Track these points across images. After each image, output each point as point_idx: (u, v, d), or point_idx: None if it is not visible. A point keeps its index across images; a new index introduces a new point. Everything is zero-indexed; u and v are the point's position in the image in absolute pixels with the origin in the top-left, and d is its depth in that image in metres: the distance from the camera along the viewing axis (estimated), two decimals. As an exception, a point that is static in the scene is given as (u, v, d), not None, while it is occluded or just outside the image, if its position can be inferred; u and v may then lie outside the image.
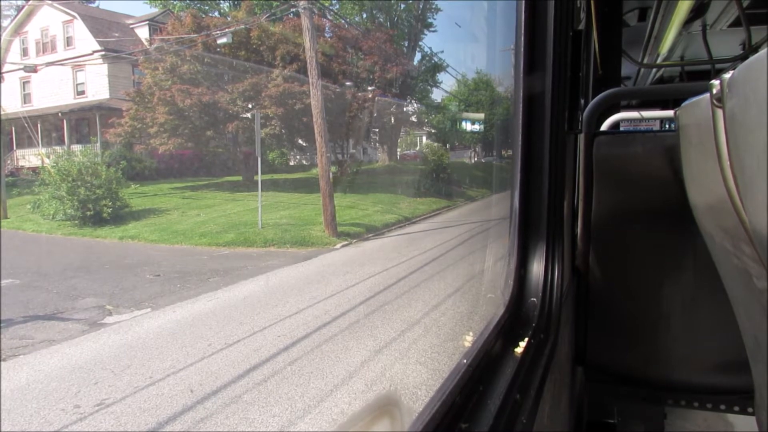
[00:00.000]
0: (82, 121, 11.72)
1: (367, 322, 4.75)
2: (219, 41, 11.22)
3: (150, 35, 11.83)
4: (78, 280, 6.14)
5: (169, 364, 3.89)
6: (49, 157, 9.52)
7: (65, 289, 5.85)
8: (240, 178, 12.23)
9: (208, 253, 7.78)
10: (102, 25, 11.68)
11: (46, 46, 11.68)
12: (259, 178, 9.57)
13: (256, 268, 6.88)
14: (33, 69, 11.54)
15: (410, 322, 4.75)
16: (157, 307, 5.32)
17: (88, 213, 8.49)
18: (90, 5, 12.31)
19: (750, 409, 1.49)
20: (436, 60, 15.59)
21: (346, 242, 8.57)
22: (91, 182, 8.62)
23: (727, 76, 0.66)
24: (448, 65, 15.86)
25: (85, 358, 4.07)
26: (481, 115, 16.30)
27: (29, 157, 11.18)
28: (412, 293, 5.65)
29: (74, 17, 11.39)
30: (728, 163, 0.70)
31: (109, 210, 8.64)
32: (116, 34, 11.66)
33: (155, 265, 7.04)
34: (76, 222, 8.51)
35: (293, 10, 11.05)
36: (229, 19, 11.95)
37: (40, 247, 7.94)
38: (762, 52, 0.56)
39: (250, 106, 11.13)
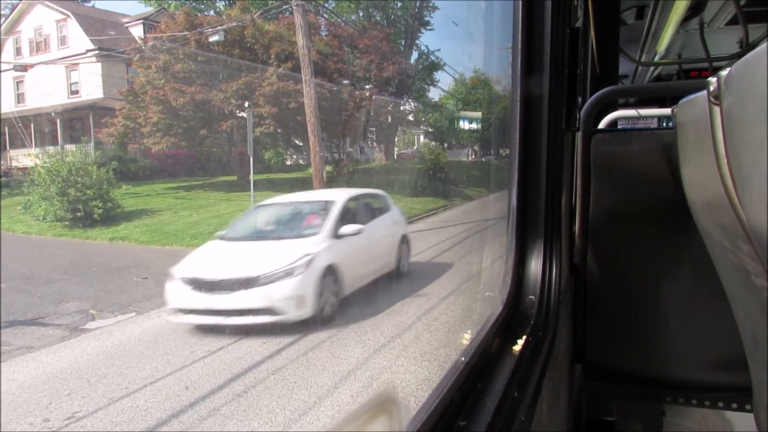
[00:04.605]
0: (75, 121, 11.63)
1: (356, 327, 4.64)
2: (211, 39, 11.15)
3: (144, 34, 11.76)
4: (64, 283, 5.96)
5: (148, 373, 3.75)
6: (39, 157, 9.43)
7: (50, 292, 5.66)
8: (235, 177, 12.18)
9: (200, 254, 7.69)
10: (96, 24, 11.60)
11: (39, 45, 11.57)
12: (251, 177, 9.51)
13: (248, 270, 6.78)
14: (23, 68, 11.43)
15: (401, 327, 4.65)
16: (142, 311, 5.18)
17: (78, 214, 8.32)
18: (85, 4, 12.22)
19: (748, 407, 1.49)
20: (433, 58, 15.60)
21: (340, 242, 8.51)
22: (81, 183, 8.51)
23: (724, 73, 0.66)
24: (445, 64, 15.87)
25: (62, 366, 3.89)
26: (479, 114, 16.32)
27: (20, 158, 11.08)
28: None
29: (68, 16, 11.30)
30: (725, 160, 0.70)
31: (100, 211, 8.48)
32: (111, 33, 11.58)
33: (144, 267, 6.88)
34: (67, 223, 8.35)
35: (286, 7, 11.01)
36: (224, 17, 11.89)
37: (29, 249, 7.77)
38: (759, 48, 0.56)
39: (247, 104, 11.09)
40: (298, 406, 3.35)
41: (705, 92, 0.73)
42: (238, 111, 11.39)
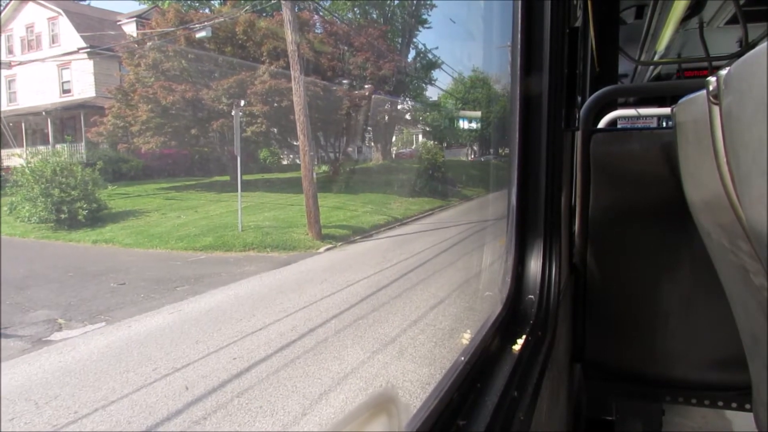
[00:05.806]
0: (68, 120, 11.51)
1: (336, 340, 4.30)
2: (198, 35, 10.97)
3: (137, 31, 11.66)
4: (37, 289, 5.58)
5: (103, 394, 3.40)
6: (23, 157, 9.26)
7: (21, 299, 5.27)
8: (228, 177, 12.07)
9: (183, 258, 7.32)
10: (88, 21, 11.49)
11: (31, 43, 11.45)
12: (238, 177, 9.20)
13: (230, 275, 6.43)
14: (9, 65, 11.30)
15: (384, 341, 4.30)
16: (113, 320, 4.81)
17: (63, 216, 8.10)
18: (80, 2, 12.09)
19: (747, 406, 1.50)
20: (431, 57, 15.57)
21: (330, 245, 8.24)
22: (66, 183, 8.22)
23: (723, 72, 0.66)
24: (443, 62, 15.83)
25: (13, 384, 3.51)
26: (478, 113, 16.31)
27: (10, 158, 10.94)
28: (392, 305, 5.20)
29: (59, 14, 11.18)
30: (725, 159, 0.70)
31: (85, 212, 8.28)
32: (104, 31, 11.47)
33: (123, 271, 6.52)
34: (51, 225, 8.13)
35: (275, 1, 10.90)
36: (215, 14, 11.78)
37: (9, 251, 7.30)
38: (758, 48, 0.56)
39: (242, 102, 10.98)
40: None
41: (704, 92, 0.73)
42: (231, 110, 11.30)
